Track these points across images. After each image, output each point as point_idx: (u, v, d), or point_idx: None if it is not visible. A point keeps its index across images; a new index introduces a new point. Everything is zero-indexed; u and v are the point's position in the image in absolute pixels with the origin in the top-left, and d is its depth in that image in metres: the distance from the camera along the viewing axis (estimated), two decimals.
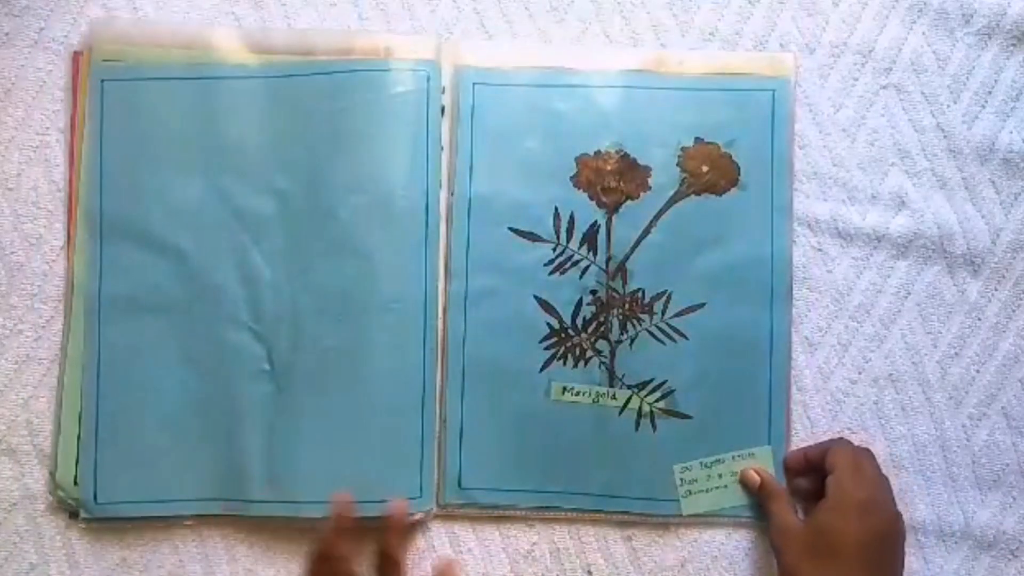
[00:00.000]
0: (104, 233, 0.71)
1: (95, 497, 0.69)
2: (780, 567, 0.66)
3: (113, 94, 0.72)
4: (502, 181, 0.73)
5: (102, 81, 0.72)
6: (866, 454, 0.68)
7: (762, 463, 0.71)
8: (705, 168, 0.72)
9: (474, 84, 0.73)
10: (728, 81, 0.74)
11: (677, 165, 0.73)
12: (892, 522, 0.66)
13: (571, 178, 0.73)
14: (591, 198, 0.73)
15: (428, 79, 0.72)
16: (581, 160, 0.73)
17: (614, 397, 0.72)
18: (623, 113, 0.73)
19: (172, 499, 0.70)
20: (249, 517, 0.70)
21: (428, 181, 0.72)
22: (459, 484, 0.71)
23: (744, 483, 0.71)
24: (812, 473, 0.70)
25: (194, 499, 0.70)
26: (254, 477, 0.70)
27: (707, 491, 0.71)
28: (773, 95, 0.73)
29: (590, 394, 0.71)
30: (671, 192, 0.73)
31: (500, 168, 0.73)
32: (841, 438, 0.71)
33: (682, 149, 0.73)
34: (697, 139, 0.73)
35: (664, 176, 0.73)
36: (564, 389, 0.71)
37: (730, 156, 0.73)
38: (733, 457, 0.72)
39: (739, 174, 0.73)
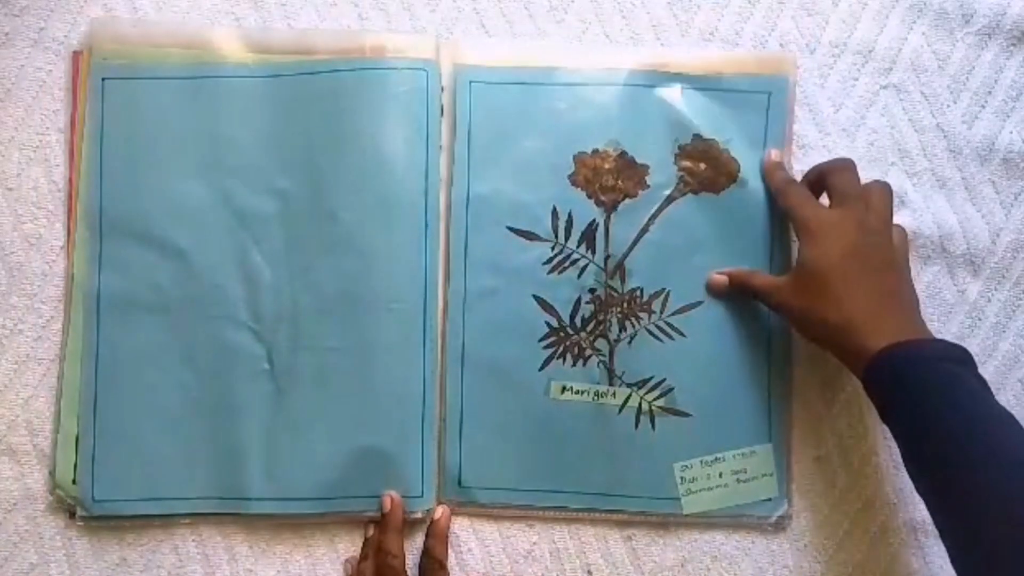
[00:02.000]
0: (104, 232, 0.71)
1: (93, 495, 0.69)
2: (791, 323, 0.69)
3: (113, 92, 0.72)
4: (501, 180, 0.73)
5: (103, 79, 0.72)
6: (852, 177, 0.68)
7: (762, 461, 0.71)
8: (703, 166, 0.72)
9: (471, 82, 0.73)
10: (728, 81, 0.73)
11: (675, 163, 0.73)
12: (857, 220, 0.65)
13: (569, 176, 0.72)
14: (589, 196, 0.72)
15: (428, 79, 0.72)
16: (579, 159, 0.73)
17: (613, 396, 0.71)
18: (622, 111, 0.73)
19: (170, 497, 0.70)
20: (248, 515, 0.70)
21: (428, 181, 0.72)
22: (459, 483, 0.71)
23: (714, 289, 0.72)
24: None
25: (192, 497, 0.70)
26: (253, 475, 0.70)
27: (708, 490, 0.71)
28: (772, 95, 0.73)
29: (589, 393, 0.71)
30: (668, 190, 0.73)
31: (498, 167, 0.73)
32: (845, 162, 0.69)
33: (680, 147, 0.73)
34: (695, 136, 0.73)
35: (662, 174, 0.73)
36: (563, 388, 0.71)
37: (728, 153, 0.73)
38: (734, 456, 0.71)
39: (738, 172, 0.72)
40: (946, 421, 0.58)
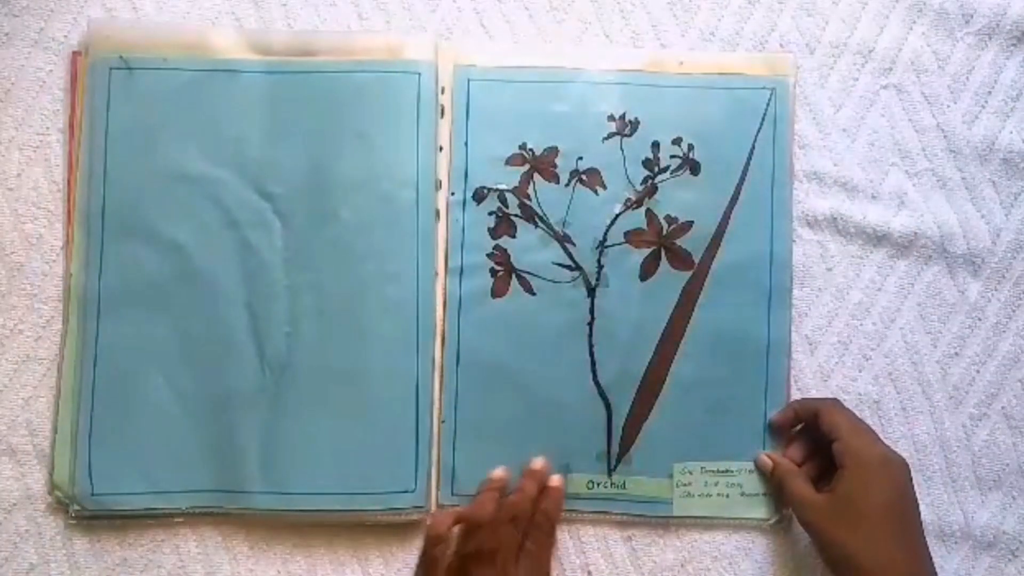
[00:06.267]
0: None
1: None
2: (815, 541, 0.67)
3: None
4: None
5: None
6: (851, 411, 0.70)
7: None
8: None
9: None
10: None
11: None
12: (905, 472, 0.66)
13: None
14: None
15: (427, 79, 0.72)
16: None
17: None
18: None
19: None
20: (247, 514, 0.70)
21: (427, 181, 0.72)
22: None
23: (758, 468, 0.72)
24: (803, 433, 0.72)
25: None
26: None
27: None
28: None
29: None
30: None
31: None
32: (834, 399, 0.71)
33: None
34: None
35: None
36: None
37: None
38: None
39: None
40: None
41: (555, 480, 0.71)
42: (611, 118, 0.73)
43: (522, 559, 0.66)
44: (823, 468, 0.69)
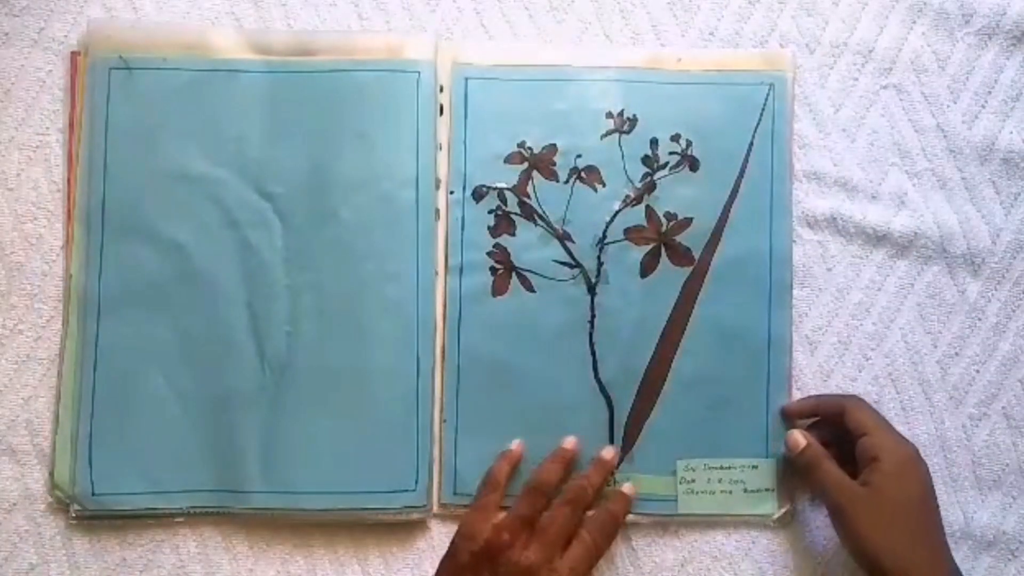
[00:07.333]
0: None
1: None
2: (842, 527, 0.65)
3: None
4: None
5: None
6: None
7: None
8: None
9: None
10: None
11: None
12: (928, 470, 0.66)
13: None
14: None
15: (427, 78, 0.72)
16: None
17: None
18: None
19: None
20: (248, 514, 0.70)
21: (427, 180, 0.72)
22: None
23: (787, 445, 0.70)
24: (820, 426, 0.71)
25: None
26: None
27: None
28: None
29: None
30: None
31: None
32: (857, 396, 0.71)
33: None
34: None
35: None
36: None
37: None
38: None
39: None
40: None
41: (627, 487, 0.70)
42: (609, 115, 0.73)
43: (574, 545, 0.66)
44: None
